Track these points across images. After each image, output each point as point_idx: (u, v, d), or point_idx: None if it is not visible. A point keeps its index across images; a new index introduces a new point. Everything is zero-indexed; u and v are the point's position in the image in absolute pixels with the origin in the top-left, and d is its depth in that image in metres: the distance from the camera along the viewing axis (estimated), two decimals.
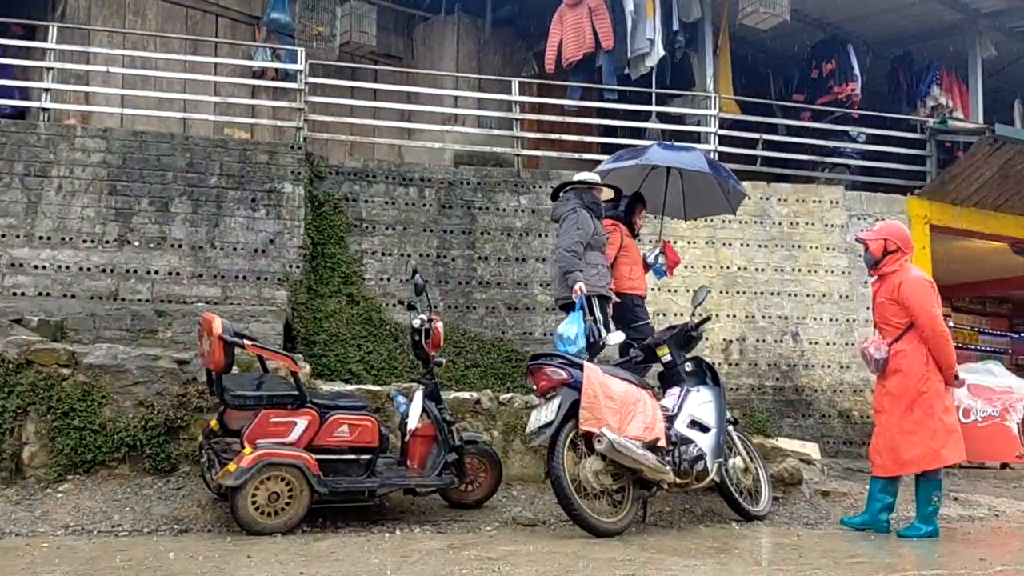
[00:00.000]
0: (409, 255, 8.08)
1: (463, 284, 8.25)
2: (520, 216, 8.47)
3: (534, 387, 5.41)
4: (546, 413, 5.10)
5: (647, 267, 7.12)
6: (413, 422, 5.23)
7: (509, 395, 6.49)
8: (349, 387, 6.21)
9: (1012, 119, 11.59)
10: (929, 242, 9.73)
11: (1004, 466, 9.06)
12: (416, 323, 5.39)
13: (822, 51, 10.69)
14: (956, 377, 5.62)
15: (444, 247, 8.29)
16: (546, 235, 8.45)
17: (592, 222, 6.45)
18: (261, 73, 9.71)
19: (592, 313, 6.15)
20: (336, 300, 7.69)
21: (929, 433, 5.43)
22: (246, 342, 4.89)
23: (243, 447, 4.72)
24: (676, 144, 7.38)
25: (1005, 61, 11.17)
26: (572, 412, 5.05)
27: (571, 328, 5.85)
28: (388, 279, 8.04)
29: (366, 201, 8.17)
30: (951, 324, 14.11)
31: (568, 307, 6.19)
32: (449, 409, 5.67)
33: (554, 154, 9.03)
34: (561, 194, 6.61)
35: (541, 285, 8.36)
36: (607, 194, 6.85)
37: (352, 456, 5.04)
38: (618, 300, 6.63)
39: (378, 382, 6.97)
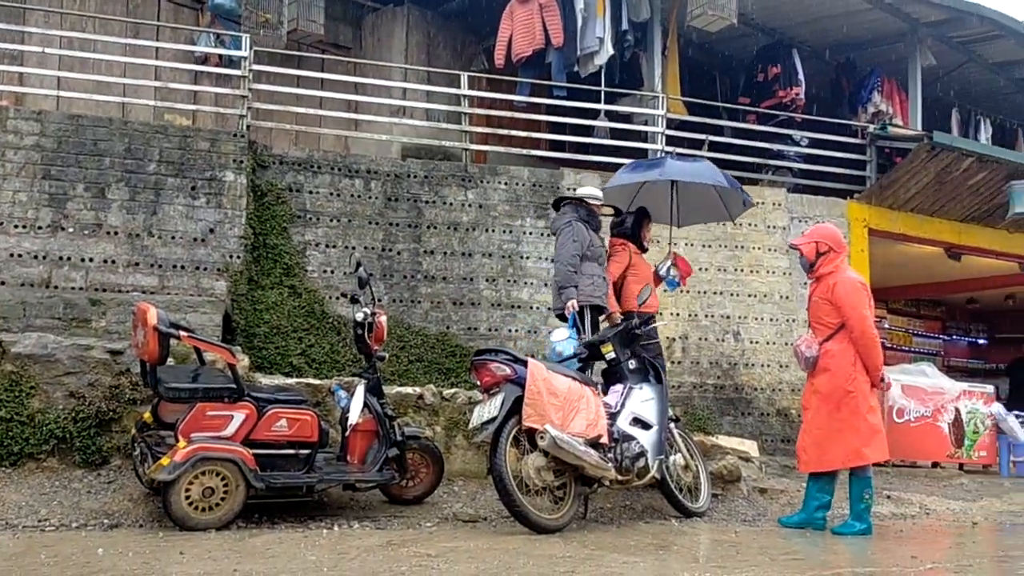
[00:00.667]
0: (354, 248, 7.98)
1: (408, 278, 8.18)
2: (467, 211, 8.43)
3: (478, 383, 5.38)
4: (489, 409, 5.08)
5: (659, 280, 7.16)
6: (354, 417, 5.17)
7: (453, 390, 6.46)
8: (289, 380, 6.12)
9: (950, 127, 11.89)
10: (867, 245, 9.93)
11: (935, 465, 9.30)
12: (359, 317, 5.32)
13: (768, 55, 10.83)
14: (882, 379, 5.76)
15: (390, 240, 8.20)
16: (493, 230, 8.43)
17: (588, 234, 6.65)
18: (204, 59, 9.49)
19: (582, 325, 6.36)
20: (278, 292, 7.56)
21: (853, 432, 5.55)
22: (182, 333, 4.77)
23: (177, 441, 4.61)
24: (688, 156, 7.72)
25: (944, 70, 11.45)
26: (515, 408, 5.04)
27: (568, 346, 6.08)
28: (332, 271, 7.93)
29: (311, 192, 8.04)
30: (887, 326, 14.47)
31: (564, 317, 6.43)
32: (391, 404, 5.62)
33: (502, 149, 9.00)
34: (560, 207, 6.85)
35: (487, 280, 8.34)
36: (607, 209, 7.09)
37: (291, 451, 4.95)
38: (623, 317, 6.71)
39: (320, 376, 6.87)
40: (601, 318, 6.62)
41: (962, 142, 10.34)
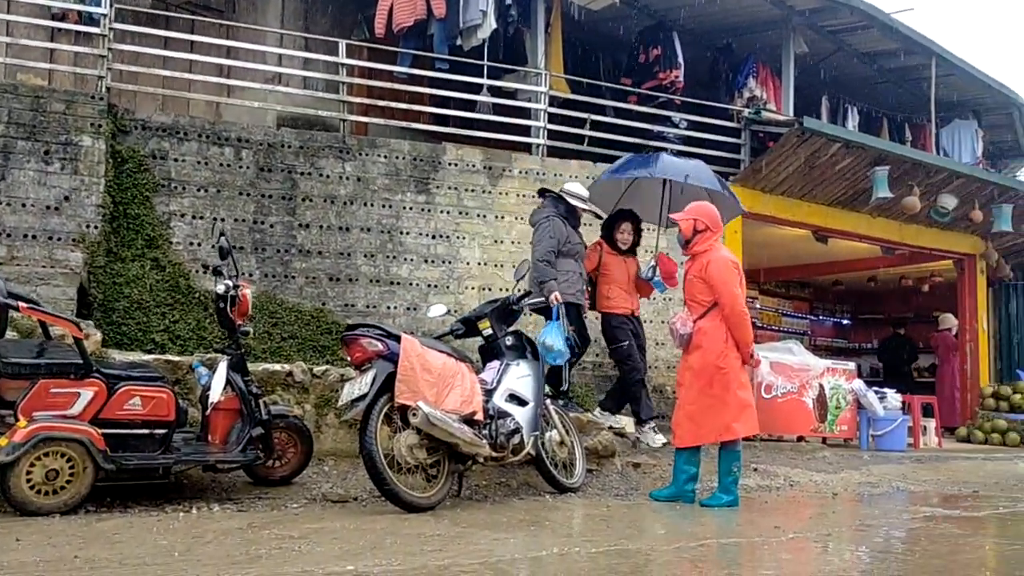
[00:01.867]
0: (223, 219, 7.62)
1: (281, 252, 7.88)
2: (345, 184, 8.17)
3: (349, 359, 5.21)
4: (360, 386, 4.92)
5: (644, 282, 7.43)
6: (215, 395, 4.91)
7: (324, 367, 6.26)
8: (146, 357, 5.77)
9: (820, 114, 12.32)
10: (741, 227, 10.18)
11: (800, 439, 9.66)
12: (220, 289, 5.05)
13: (649, 37, 10.92)
14: (752, 356, 5.90)
15: (262, 212, 7.87)
16: (372, 204, 8.21)
17: (566, 230, 7.00)
18: (62, 16, 8.85)
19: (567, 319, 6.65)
20: (139, 264, 7.14)
21: (725, 407, 5.66)
22: (21, 304, 4.40)
23: (17, 420, 4.26)
24: (683, 155, 8.15)
25: (816, 58, 11.84)
26: (388, 385, 4.90)
27: (556, 339, 6.40)
28: (199, 244, 7.56)
29: (176, 160, 7.62)
30: (758, 306, 14.97)
31: (541, 311, 6.71)
32: (258, 381, 5.38)
33: (382, 121, 8.77)
34: (543, 199, 7.27)
35: (365, 256, 8.12)
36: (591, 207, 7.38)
37: (145, 430, 4.65)
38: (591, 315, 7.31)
39: (184, 353, 6.52)
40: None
41: (831, 128, 10.72)
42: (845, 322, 17.71)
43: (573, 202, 7.14)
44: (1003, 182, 12.55)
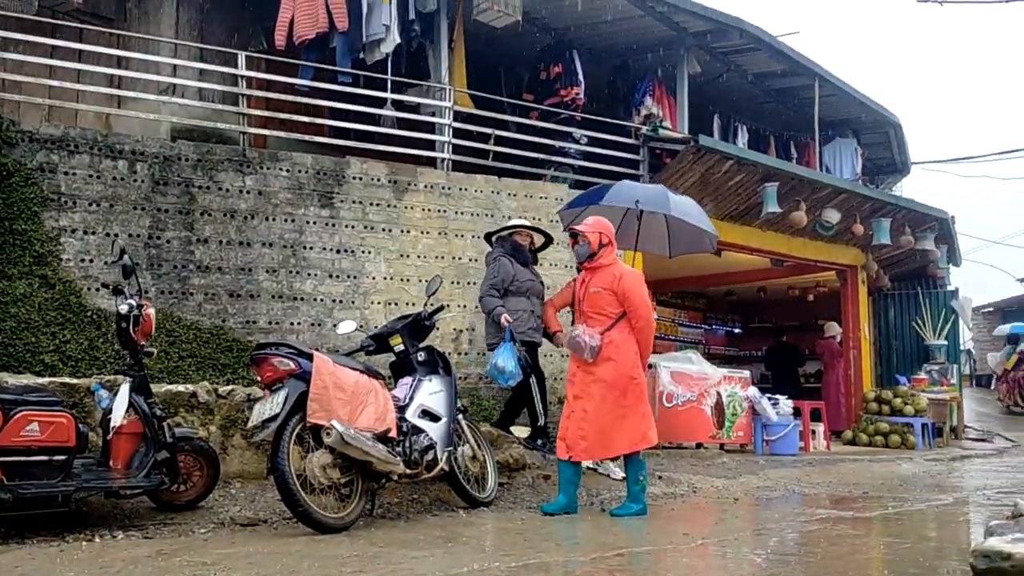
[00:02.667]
0: (116, 235, 7.33)
1: (179, 268, 7.63)
2: (245, 197, 7.99)
3: (259, 378, 5.10)
4: (271, 406, 4.82)
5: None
6: (117, 418, 4.73)
7: (230, 387, 6.10)
8: (41, 380, 5.50)
9: (712, 131, 12.78)
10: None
11: (699, 446, 9.94)
12: (123, 309, 4.87)
13: (551, 54, 11.12)
14: (650, 366, 6.16)
15: (158, 227, 7.61)
16: (273, 219, 8.05)
17: (512, 268, 7.16)
18: None
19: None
20: (27, 282, 6.79)
21: (639, 417, 5.79)
22: None
23: None
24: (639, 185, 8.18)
25: (708, 78, 12.28)
26: (300, 404, 4.82)
27: (508, 361, 6.51)
28: (91, 260, 7.25)
29: (66, 173, 7.29)
30: (656, 317, 15.34)
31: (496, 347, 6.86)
32: (161, 403, 5.19)
33: (283, 134, 8.62)
34: (491, 243, 7.52)
35: (267, 271, 7.95)
36: (537, 238, 7.61)
37: (44, 457, 4.43)
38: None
39: (76, 374, 6.26)
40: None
41: (724, 146, 11.12)
42: (737, 331, 18.34)
43: (509, 228, 7.33)
44: (881, 197, 13.28)
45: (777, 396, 10.83)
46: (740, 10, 11.12)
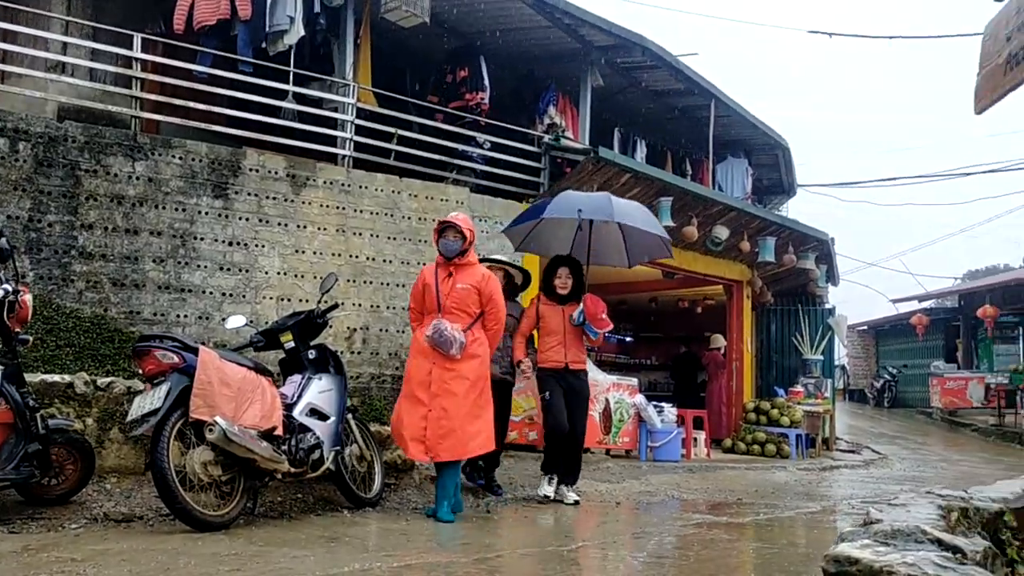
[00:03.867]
0: None
1: (60, 254, 7.33)
2: (134, 184, 7.74)
3: (141, 371, 4.96)
4: (152, 400, 4.70)
5: (578, 327, 6.87)
6: None
7: (109, 379, 5.89)
8: None
9: (612, 144, 13.06)
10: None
11: (586, 450, 10.13)
12: None
13: (457, 58, 11.16)
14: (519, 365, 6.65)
15: (39, 210, 7.30)
16: (163, 207, 7.82)
17: None
18: None
19: None
20: None
21: (488, 420, 5.79)
22: None
23: None
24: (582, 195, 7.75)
25: (611, 91, 12.55)
26: (182, 399, 4.71)
27: None
28: None
29: None
30: None
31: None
32: (35, 393, 4.99)
33: (178, 121, 8.37)
34: None
35: (154, 261, 7.72)
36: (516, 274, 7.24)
37: None
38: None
39: None
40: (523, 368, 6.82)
41: (622, 159, 11.38)
42: (628, 339, 18.76)
43: (487, 262, 6.85)
44: (768, 217, 13.85)
45: (662, 404, 11.15)
46: (646, 28, 11.43)
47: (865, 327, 32.98)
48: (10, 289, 4.69)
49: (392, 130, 9.44)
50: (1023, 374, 19.52)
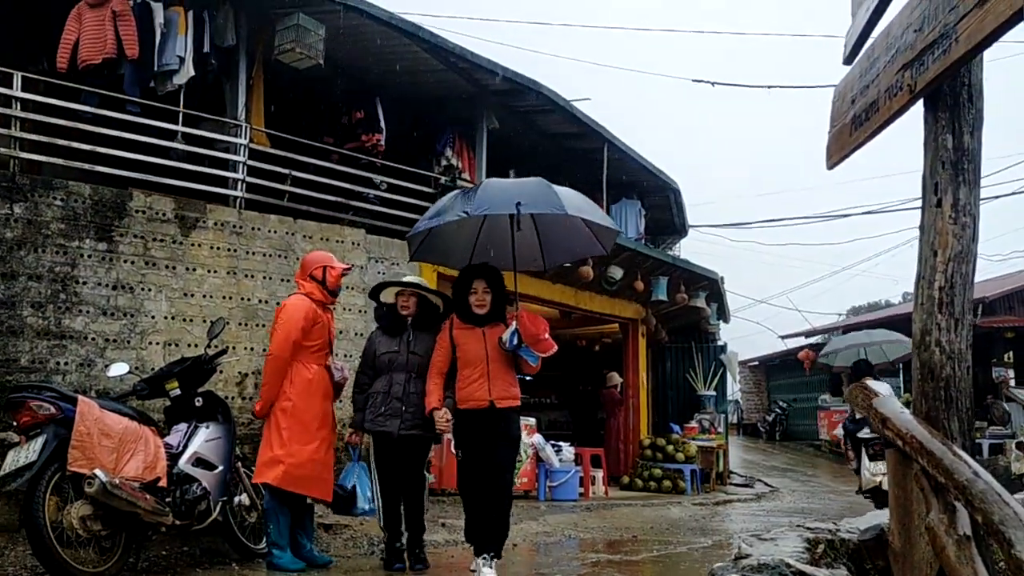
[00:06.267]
0: None
1: None
2: (12, 226, 7.42)
3: (15, 423, 4.74)
4: (26, 453, 4.51)
5: (507, 354, 5.43)
6: None
7: None
8: None
9: None
10: (437, 285, 10.59)
11: None
12: None
13: (353, 99, 11.17)
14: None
15: None
16: (43, 250, 7.52)
17: (376, 341, 5.88)
18: None
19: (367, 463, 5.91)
20: None
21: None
22: None
23: None
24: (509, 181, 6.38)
25: (507, 134, 12.76)
26: (60, 452, 4.53)
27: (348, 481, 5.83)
28: None
29: None
30: None
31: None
32: None
33: (61, 162, 8.09)
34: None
35: (32, 306, 7.40)
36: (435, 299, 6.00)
37: None
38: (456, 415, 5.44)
39: None
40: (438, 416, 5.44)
41: None
42: (527, 378, 18.83)
43: (383, 297, 6.03)
44: (660, 257, 14.28)
45: (560, 443, 11.26)
46: (542, 75, 11.72)
47: (756, 362, 34.09)
48: None
49: (286, 171, 9.35)
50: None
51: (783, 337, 30.53)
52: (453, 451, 5.55)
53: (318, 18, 9.28)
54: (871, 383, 4.72)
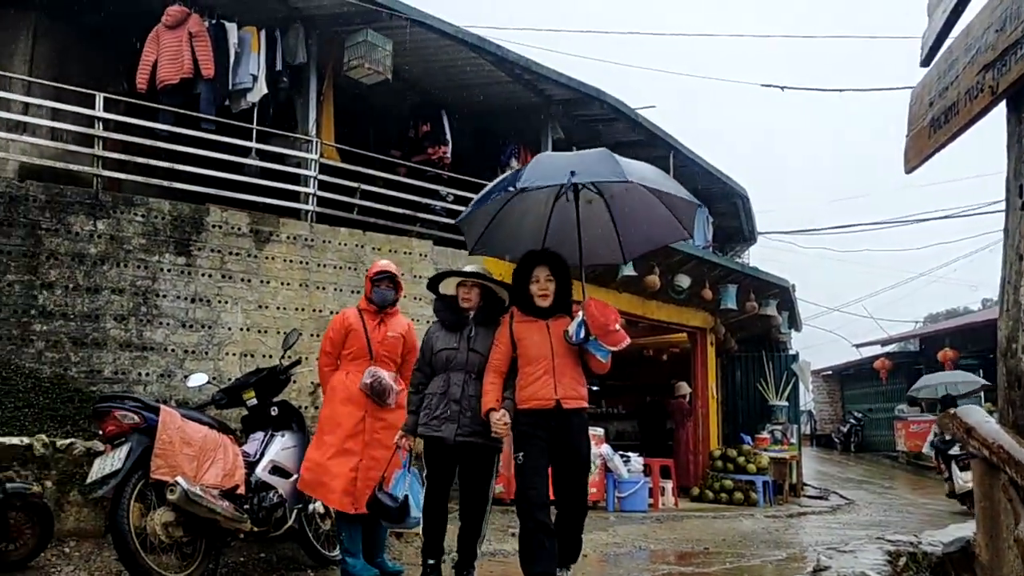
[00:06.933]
0: None
1: (19, 313, 7.26)
2: (96, 242, 7.72)
3: (101, 432, 4.92)
4: (112, 461, 4.66)
5: (575, 348, 4.81)
6: None
7: (68, 441, 5.82)
8: None
9: None
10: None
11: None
12: None
13: (420, 113, 11.34)
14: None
15: None
16: (125, 264, 7.80)
17: (434, 336, 5.20)
18: None
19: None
20: None
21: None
22: None
23: None
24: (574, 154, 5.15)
25: (571, 143, 12.76)
26: (143, 460, 4.67)
27: (398, 490, 4.99)
28: None
29: None
30: None
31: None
32: None
33: (141, 179, 8.39)
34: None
35: (115, 319, 7.67)
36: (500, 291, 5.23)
37: None
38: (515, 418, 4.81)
39: None
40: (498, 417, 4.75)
41: None
42: (594, 388, 18.74)
43: (443, 289, 5.36)
44: (728, 265, 14.08)
45: (629, 454, 11.17)
46: (606, 83, 11.70)
47: (830, 372, 33.33)
48: None
49: (355, 185, 9.52)
50: None
51: (857, 346, 29.78)
52: (513, 456, 4.84)
53: (385, 34, 9.45)
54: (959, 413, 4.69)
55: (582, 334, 4.72)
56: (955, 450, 11.44)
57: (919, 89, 3.57)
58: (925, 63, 3.59)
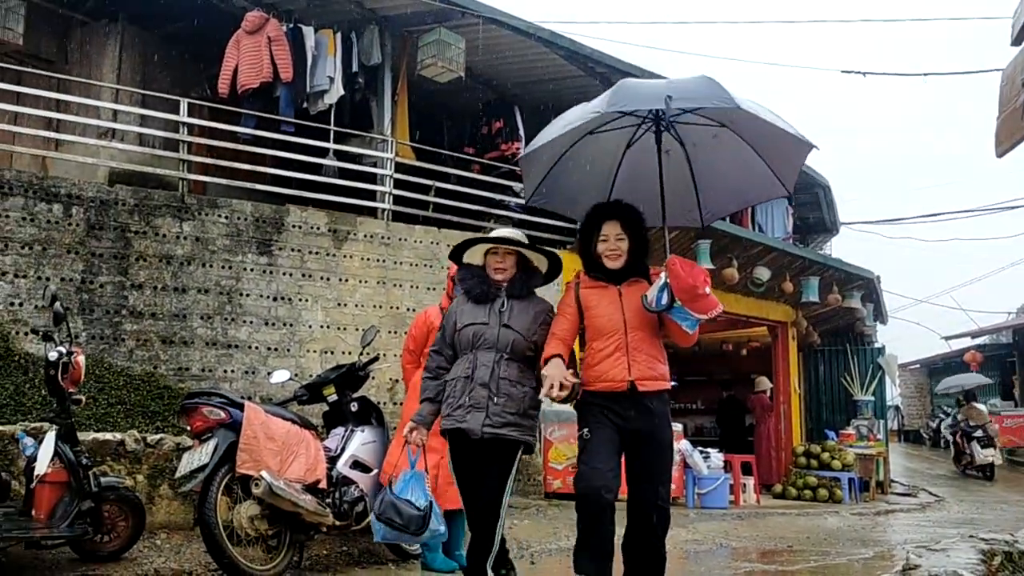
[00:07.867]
0: (48, 279, 7.23)
1: (111, 313, 7.54)
2: (182, 243, 7.96)
3: (188, 428, 5.07)
4: (200, 456, 4.80)
5: (670, 320, 3.98)
6: (41, 467, 4.65)
7: (158, 436, 6.02)
8: None
9: None
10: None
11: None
12: (53, 356, 4.81)
13: (492, 110, 11.37)
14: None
15: (91, 272, 7.53)
16: (210, 265, 8.02)
17: (457, 311, 4.30)
18: None
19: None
20: None
21: None
22: None
23: None
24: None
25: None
26: (229, 454, 4.80)
27: (410, 495, 4.21)
28: (20, 304, 7.13)
29: None
30: None
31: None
32: (87, 452, 5.12)
33: (224, 181, 8.63)
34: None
35: (201, 318, 7.90)
36: (537, 260, 4.39)
37: None
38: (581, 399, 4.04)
39: (1, 421, 6.11)
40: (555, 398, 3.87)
41: None
42: (673, 383, 18.55)
43: (467, 258, 4.45)
44: (809, 256, 13.74)
45: (708, 450, 11.01)
46: (675, 72, 11.51)
47: (917, 365, 32.27)
48: (64, 351, 4.84)
49: (430, 183, 9.61)
50: None
51: (947, 338, 28.72)
52: (578, 432, 4.05)
53: (458, 32, 9.50)
54: (977, 405, 17.65)
55: (664, 299, 3.89)
56: (978, 432, 17.16)
57: (1009, 70, 3.41)
58: (1016, 42, 3.42)
